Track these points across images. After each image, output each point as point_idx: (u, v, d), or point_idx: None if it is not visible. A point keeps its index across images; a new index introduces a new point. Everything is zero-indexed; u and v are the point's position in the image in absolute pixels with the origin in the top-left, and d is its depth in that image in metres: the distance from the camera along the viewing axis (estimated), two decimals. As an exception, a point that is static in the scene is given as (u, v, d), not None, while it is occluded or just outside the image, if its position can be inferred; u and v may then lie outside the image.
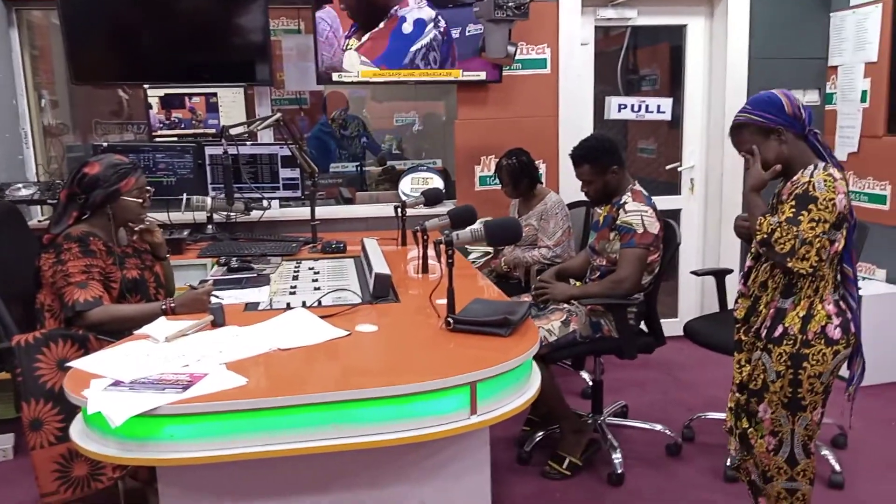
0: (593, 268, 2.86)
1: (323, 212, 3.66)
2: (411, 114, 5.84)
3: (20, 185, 3.23)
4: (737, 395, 2.13)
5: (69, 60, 3.44)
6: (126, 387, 1.53)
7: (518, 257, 3.39)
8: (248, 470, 1.60)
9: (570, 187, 3.60)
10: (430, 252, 2.63)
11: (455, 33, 3.72)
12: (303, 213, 3.63)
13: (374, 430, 1.55)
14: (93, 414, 1.47)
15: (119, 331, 2.15)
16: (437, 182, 3.98)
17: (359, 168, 4.84)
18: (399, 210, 3.20)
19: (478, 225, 2.31)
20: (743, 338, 2.11)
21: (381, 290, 2.28)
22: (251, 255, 2.94)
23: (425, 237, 2.66)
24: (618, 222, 2.68)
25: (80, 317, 2.17)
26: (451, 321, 1.87)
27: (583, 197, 3.09)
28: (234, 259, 2.77)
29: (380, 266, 2.37)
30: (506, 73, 3.85)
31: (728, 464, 2.25)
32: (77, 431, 1.58)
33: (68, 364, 1.75)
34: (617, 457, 2.76)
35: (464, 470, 1.77)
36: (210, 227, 3.43)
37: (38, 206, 3.55)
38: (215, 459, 1.49)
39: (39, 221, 3.47)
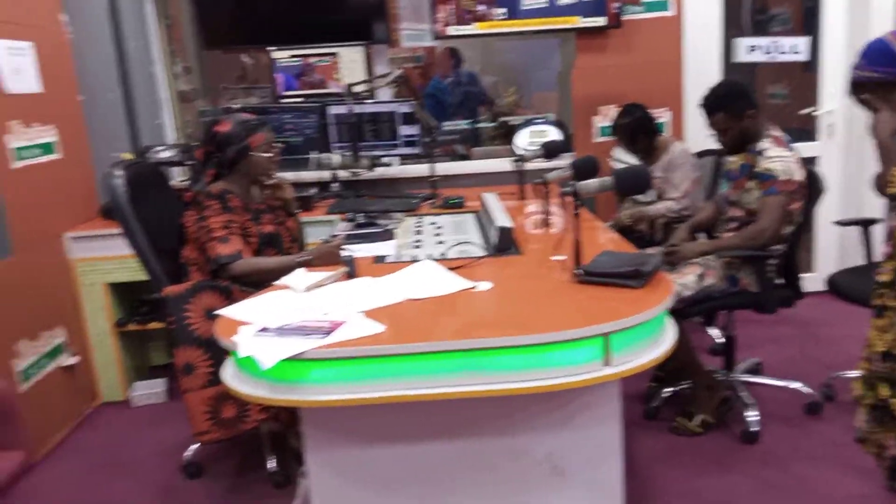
0: (728, 219, 2.72)
1: (441, 168, 3.68)
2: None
3: (160, 148, 3.43)
4: (874, 364, 1.97)
5: (200, 27, 3.61)
6: (273, 332, 1.61)
7: (642, 210, 3.28)
8: (383, 413, 1.66)
9: (697, 136, 3.43)
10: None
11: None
12: (421, 169, 3.66)
13: (507, 379, 1.56)
14: (244, 358, 1.56)
15: (260, 282, 2.26)
16: (554, 134, 3.89)
17: (473, 124, 4.83)
18: (518, 164, 3.17)
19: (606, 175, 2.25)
20: (889, 303, 1.94)
21: (505, 243, 2.28)
22: (375, 210, 3.02)
23: (547, 189, 2.63)
24: (756, 169, 2.53)
25: (224, 269, 2.31)
26: (581, 272, 1.84)
27: (710, 146, 2.94)
28: (360, 215, 2.86)
29: (502, 219, 2.37)
30: (625, 18, 3.69)
31: (856, 436, 2.11)
32: (229, 374, 1.68)
33: (216, 312, 1.86)
34: (750, 414, 2.66)
35: (594, 422, 1.76)
36: (335, 184, 3.53)
37: (177, 168, 3.77)
38: (355, 402, 1.56)
39: (179, 182, 3.68)
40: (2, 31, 2.78)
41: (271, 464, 2.53)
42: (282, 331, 1.62)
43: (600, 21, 3.67)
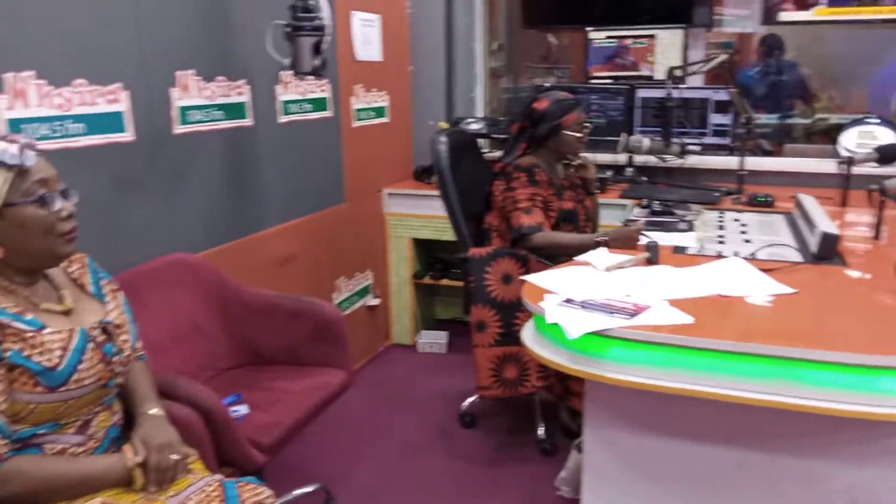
0: None
1: (747, 163, 3.45)
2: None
3: (471, 120, 3.67)
4: None
5: (522, 6, 3.76)
6: (578, 305, 1.66)
7: None
8: (671, 405, 1.62)
9: None
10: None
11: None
12: (722, 162, 3.46)
13: (827, 397, 1.42)
14: (549, 324, 1.63)
15: (554, 256, 2.35)
16: (889, 137, 3.42)
17: (782, 118, 4.44)
18: (844, 166, 2.85)
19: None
20: None
21: (827, 251, 2.07)
22: (672, 199, 2.93)
23: (883, 199, 2.33)
24: None
25: (524, 239, 2.42)
26: (928, 296, 1.62)
27: None
28: (656, 202, 2.79)
29: (826, 225, 2.15)
30: None
31: None
32: (528, 337, 1.76)
33: (522, 278, 1.96)
34: None
35: (914, 465, 1.55)
36: (629, 169, 3.49)
37: (483, 140, 4.00)
38: (651, 388, 1.53)
39: (485, 153, 3.91)
40: (359, 4, 3.17)
41: (540, 431, 2.62)
42: (586, 305, 1.66)
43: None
